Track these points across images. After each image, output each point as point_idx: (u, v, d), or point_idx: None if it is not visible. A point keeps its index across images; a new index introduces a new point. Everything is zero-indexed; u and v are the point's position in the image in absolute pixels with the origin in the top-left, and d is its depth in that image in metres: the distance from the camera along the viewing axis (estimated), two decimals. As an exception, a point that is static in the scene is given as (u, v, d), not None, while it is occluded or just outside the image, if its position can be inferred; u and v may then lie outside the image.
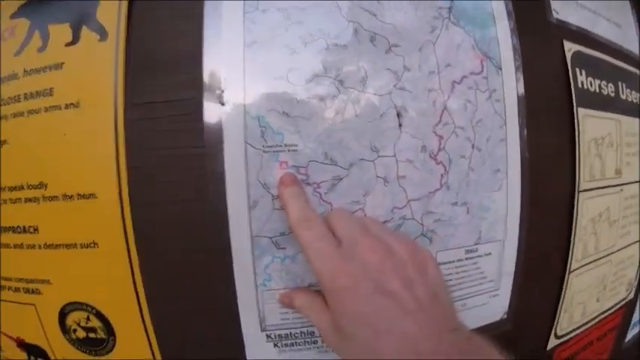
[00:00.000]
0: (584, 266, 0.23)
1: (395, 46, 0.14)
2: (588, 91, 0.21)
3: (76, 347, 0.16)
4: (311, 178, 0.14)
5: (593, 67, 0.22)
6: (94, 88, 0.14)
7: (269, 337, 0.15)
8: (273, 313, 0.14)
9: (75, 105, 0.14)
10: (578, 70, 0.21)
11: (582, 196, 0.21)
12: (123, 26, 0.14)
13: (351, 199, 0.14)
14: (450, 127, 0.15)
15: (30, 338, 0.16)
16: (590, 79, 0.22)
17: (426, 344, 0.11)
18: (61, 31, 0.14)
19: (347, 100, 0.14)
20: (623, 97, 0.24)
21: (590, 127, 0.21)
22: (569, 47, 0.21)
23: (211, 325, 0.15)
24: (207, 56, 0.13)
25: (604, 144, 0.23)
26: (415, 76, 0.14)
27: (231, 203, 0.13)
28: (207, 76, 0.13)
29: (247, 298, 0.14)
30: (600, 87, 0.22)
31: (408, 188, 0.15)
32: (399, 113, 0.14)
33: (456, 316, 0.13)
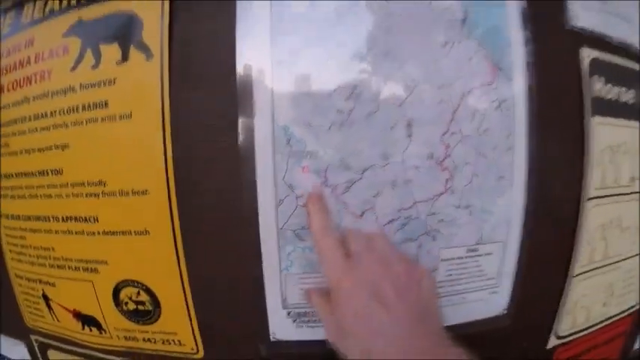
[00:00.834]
0: (590, 271, 0.25)
1: (408, 60, 0.17)
2: (606, 98, 0.23)
3: (127, 317, 0.20)
4: (329, 181, 0.17)
5: (612, 74, 0.23)
6: (144, 102, 0.18)
7: (289, 314, 0.19)
8: (293, 294, 0.18)
9: (127, 116, 0.18)
10: (596, 76, 0.23)
11: (590, 203, 0.24)
12: (165, 47, 0.17)
13: (363, 200, 0.17)
14: (457, 136, 0.18)
15: (86, 310, 0.21)
16: (609, 86, 0.23)
17: (410, 343, 0.14)
18: (111, 51, 0.18)
19: (362, 112, 0.17)
20: None
21: (605, 135, 0.23)
22: (588, 54, 0.22)
23: (242, 301, 0.19)
24: (239, 75, 0.16)
25: (620, 151, 0.25)
26: (426, 89, 0.17)
27: (261, 201, 0.17)
28: (240, 90, 0.16)
29: (272, 280, 0.18)
30: (619, 94, 0.24)
31: (414, 191, 0.18)
32: (409, 124, 0.17)
33: (442, 328, 0.16)
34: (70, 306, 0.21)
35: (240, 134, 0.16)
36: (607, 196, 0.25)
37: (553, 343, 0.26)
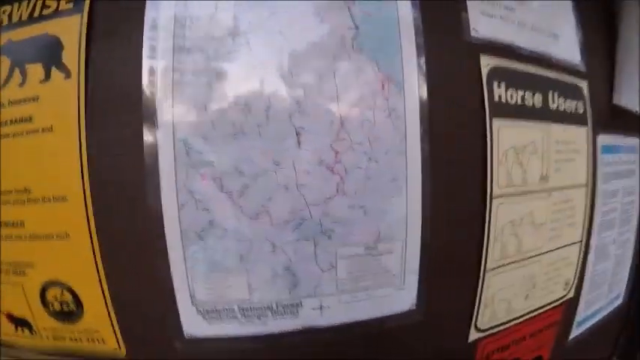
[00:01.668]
0: (505, 266, 0.29)
1: (297, 75, 0.21)
2: (508, 103, 0.27)
3: (54, 317, 0.24)
4: (225, 187, 0.21)
5: (515, 80, 0.27)
6: (64, 117, 0.21)
7: (199, 311, 0.22)
8: (200, 292, 0.22)
9: (49, 129, 0.22)
10: (496, 83, 0.26)
11: (497, 201, 0.27)
12: (82, 67, 0.21)
13: (258, 203, 0.21)
14: (347, 142, 0.21)
15: (18, 313, 0.25)
16: (510, 92, 0.27)
17: None
18: (35, 70, 0.22)
19: (253, 124, 0.20)
20: (554, 105, 0.29)
21: (507, 137, 0.27)
22: (487, 62, 0.26)
23: (156, 299, 0.22)
24: (144, 94, 0.20)
25: (526, 152, 0.28)
26: (315, 101, 0.21)
27: (165, 206, 0.21)
28: (145, 109, 0.20)
29: (181, 279, 0.21)
30: (524, 98, 0.28)
31: (306, 194, 0.21)
32: (298, 133, 0.21)
33: None
34: (4, 309, 0.25)
35: (145, 146, 0.20)
36: (514, 194, 0.28)
37: (475, 336, 0.29)
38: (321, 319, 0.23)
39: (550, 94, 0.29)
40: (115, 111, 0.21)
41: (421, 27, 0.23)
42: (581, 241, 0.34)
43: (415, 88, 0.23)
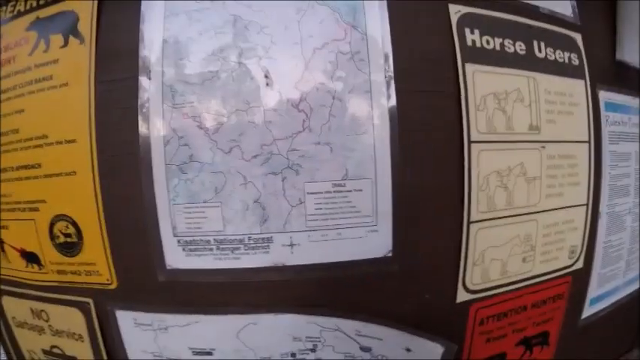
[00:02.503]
0: (494, 220, 0.29)
1: (265, 27, 0.25)
2: (484, 48, 0.29)
3: (58, 250, 0.29)
4: (202, 124, 0.25)
5: (491, 27, 0.29)
6: (77, 73, 0.28)
7: (179, 242, 0.26)
8: (181, 223, 0.26)
9: (65, 85, 0.28)
10: (468, 30, 0.28)
11: (476, 147, 0.28)
12: (94, 34, 0.28)
13: (230, 138, 0.25)
14: (311, 83, 0.25)
15: (29, 247, 0.30)
16: (486, 38, 0.29)
17: None
18: (57, 39, 0.29)
19: (227, 69, 0.25)
20: (541, 55, 0.30)
21: (484, 82, 0.28)
22: (457, 10, 0.28)
23: (143, 232, 0.26)
24: (141, 50, 0.26)
25: (509, 99, 0.29)
26: (280, 47, 0.25)
27: (153, 142, 0.25)
28: (141, 62, 0.26)
29: (164, 211, 0.26)
30: (503, 45, 0.29)
31: (273, 130, 0.25)
32: (266, 75, 0.25)
33: None
34: (18, 245, 0.31)
35: (140, 90, 0.25)
36: (497, 142, 0.29)
37: (464, 297, 0.30)
38: (292, 258, 0.26)
39: (535, 43, 0.30)
40: (118, 66, 0.27)
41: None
42: (586, 204, 0.33)
43: (379, 33, 0.26)
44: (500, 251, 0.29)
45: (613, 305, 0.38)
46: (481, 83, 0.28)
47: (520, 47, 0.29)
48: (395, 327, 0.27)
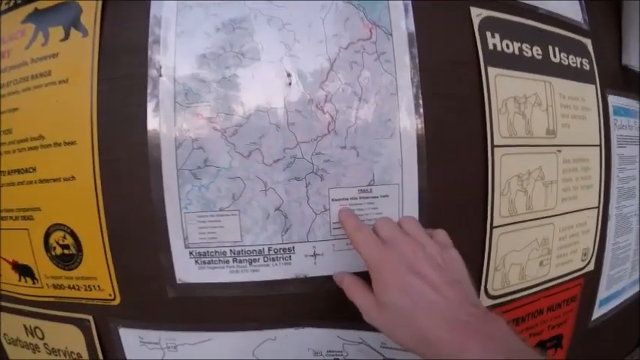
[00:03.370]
0: (515, 224, 0.28)
1: (287, 24, 0.23)
2: (504, 52, 0.27)
3: (54, 263, 0.25)
4: (219, 125, 0.22)
5: (510, 31, 0.28)
6: (78, 70, 0.24)
7: (191, 254, 0.23)
8: (193, 233, 0.23)
9: (65, 81, 0.24)
10: (489, 33, 0.27)
11: (498, 151, 0.26)
12: (98, 27, 0.24)
13: (250, 141, 0.22)
14: (337, 83, 0.23)
15: (22, 259, 0.26)
16: (506, 42, 0.27)
17: (450, 312, 0.17)
18: (57, 31, 0.25)
19: (246, 66, 0.22)
20: (556, 59, 0.30)
21: (506, 86, 0.27)
22: (479, 12, 0.27)
23: (151, 244, 0.23)
24: (150, 45, 0.23)
25: (528, 103, 0.28)
26: (304, 45, 0.23)
27: (163, 145, 0.22)
28: (150, 58, 0.23)
29: (174, 220, 0.23)
30: (521, 49, 0.28)
31: (297, 133, 0.22)
32: (289, 74, 0.22)
33: (476, 298, 0.19)
34: (10, 257, 0.27)
35: (149, 89, 0.22)
36: (518, 145, 0.28)
37: (486, 303, 0.28)
38: (315, 269, 0.23)
39: (550, 47, 0.29)
40: (124, 63, 0.24)
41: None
42: (598, 207, 0.33)
43: (404, 34, 0.24)
44: (520, 256, 0.28)
45: (619, 306, 0.37)
46: (502, 87, 0.26)
47: (537, 52, 0.28)
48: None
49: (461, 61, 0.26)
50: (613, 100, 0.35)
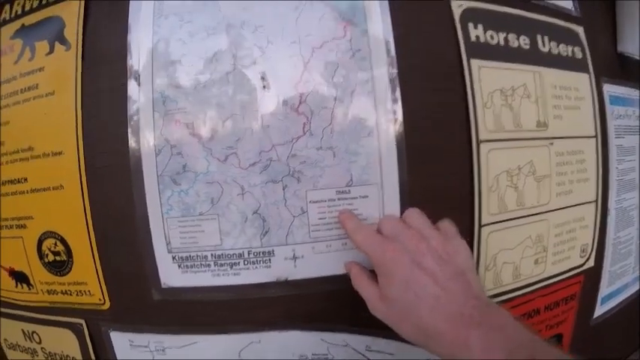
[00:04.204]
0: (504, 222, 0.26)
1: (260, 26, 0.22)
2: (488, 43, 0.26)
3: (47, 269, 0.26)
4: (196, 131, 0.22)
5: (495, 22, 0.26)
6: (63, 82, 0.24)
7: (174, 259, 0.23)
8: (175, 238, 0.22)
9: (52, 93, 0.25)
10: (472, 24, 0.25)
11: (485, 146, 0.25)
12: (80, 39, 0.24)
13: (226, 145, 0.22)
14: (311, 84, 0.22)
15: (18, 266, 0.27)
16: (490, 33, 0.26)
17: (452, 306, 0.17)
18: (42, 46, 0.25)
19: (221, 72, 0.22)
20: (545, 49, 0.28)
21: (491, 78, 0.25)
22: (459, 4, 0.25)
23: (135, 247, 0.23)
24: (129, 55, 0.23)
25: (515, 95, 0.26)
26: (278, 47, 0.22)
27: (144, 152, 0.22)
28: (129, 67, 0.23)
29: (157, 225, 0.22)
30: (507, 40, 0.26)
31: (272, 135, 0.22)
32: (263, 77, 0.22)
33: (480, 289, 0.19)
34: (7, 264, 0.27)
35: (130, 98, 0.22)
36: (506, 140, 0.26)
37: None
38: (296, 272, 0.23)
39: (539, 37, 0.27)
40: (105, 73, 0.24)
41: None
42: (596, 200, 0.31)
43: (380, 31, 0.23)
44: (512, 254, 0.26)
45: (622, 303, 0.35)
46: (487, 79, 0.25)
47: (524, 41, 0.26)
48: (406, 341, 0.25)
49: (442, 54, 0.25)
50: (609, 88, 0.32)
